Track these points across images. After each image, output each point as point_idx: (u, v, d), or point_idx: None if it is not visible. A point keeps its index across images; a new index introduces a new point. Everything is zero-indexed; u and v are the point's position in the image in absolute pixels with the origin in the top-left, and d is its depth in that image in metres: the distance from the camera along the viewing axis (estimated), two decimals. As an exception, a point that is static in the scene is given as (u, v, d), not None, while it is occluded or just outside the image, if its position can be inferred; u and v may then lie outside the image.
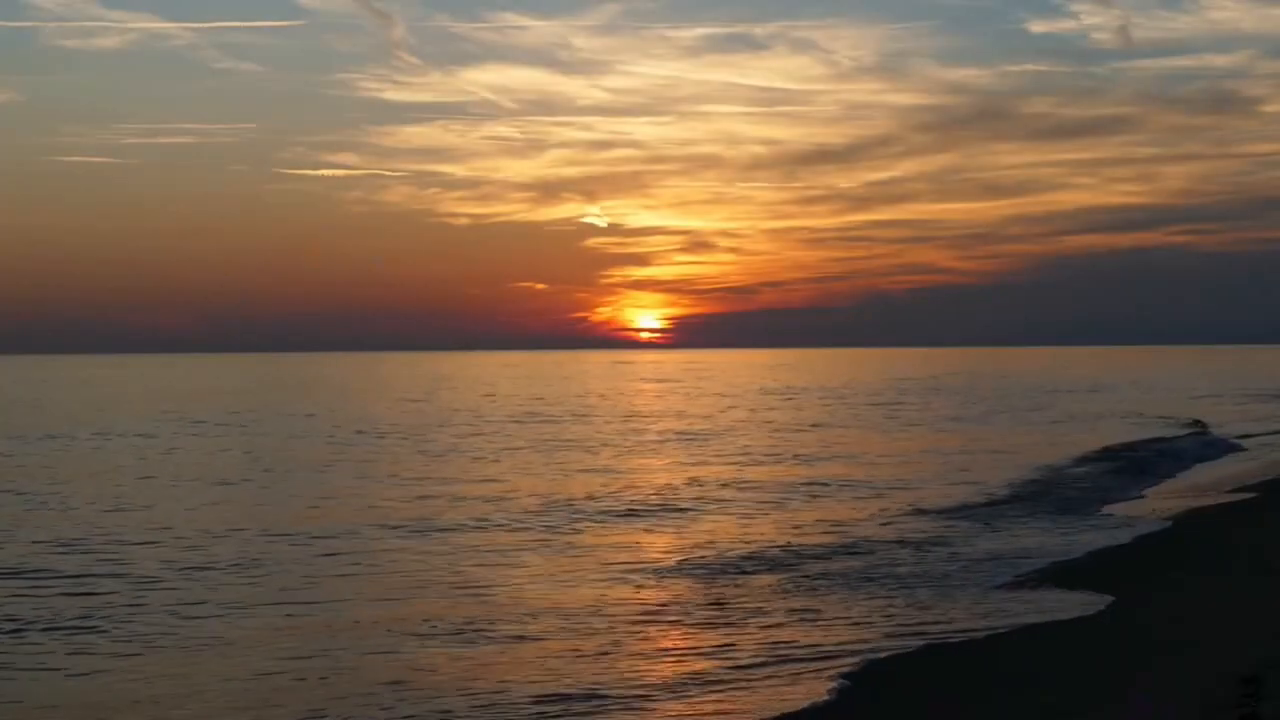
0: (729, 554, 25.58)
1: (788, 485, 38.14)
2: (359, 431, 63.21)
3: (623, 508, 33.05)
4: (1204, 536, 26.75)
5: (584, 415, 77.39)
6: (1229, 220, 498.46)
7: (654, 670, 16.41)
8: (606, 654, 17.24)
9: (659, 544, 27.37)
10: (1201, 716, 12.20)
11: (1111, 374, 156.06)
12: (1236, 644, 15.34)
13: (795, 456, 48.04)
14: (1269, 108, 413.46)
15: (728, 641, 17.84)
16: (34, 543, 27.09)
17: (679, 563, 24.68)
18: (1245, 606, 18.38)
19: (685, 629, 18.93)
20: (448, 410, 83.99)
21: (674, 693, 15.28)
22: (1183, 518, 29.73)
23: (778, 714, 14.24)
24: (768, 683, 15.64)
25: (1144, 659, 15.54)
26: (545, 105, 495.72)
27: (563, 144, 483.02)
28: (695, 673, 16.16)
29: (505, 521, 30.42)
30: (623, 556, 25.52)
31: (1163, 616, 18.46)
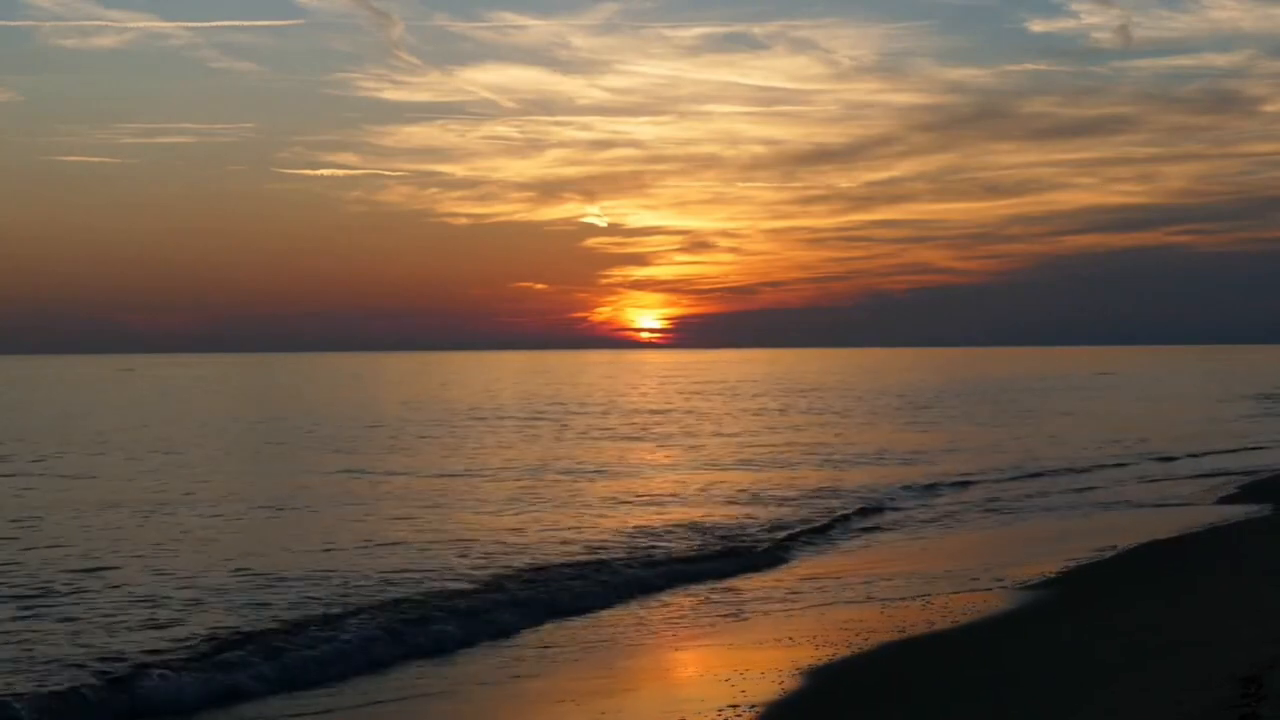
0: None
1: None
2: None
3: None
4: (1203, 538, 26.38)
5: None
6: (1229, 220, 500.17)
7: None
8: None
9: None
10: (1201, 717, 11.76)
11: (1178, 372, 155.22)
12: (1236, 645, 14.88)
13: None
14: (1269, 108, 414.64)
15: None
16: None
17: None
18: (1244, 607, 17.95)
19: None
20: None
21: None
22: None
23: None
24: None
25: (1141, 659, 15.06)
26: (545, 105, 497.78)
27: (562, 144, 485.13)
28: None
29: None
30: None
31: (1159, 617, 18.01)
